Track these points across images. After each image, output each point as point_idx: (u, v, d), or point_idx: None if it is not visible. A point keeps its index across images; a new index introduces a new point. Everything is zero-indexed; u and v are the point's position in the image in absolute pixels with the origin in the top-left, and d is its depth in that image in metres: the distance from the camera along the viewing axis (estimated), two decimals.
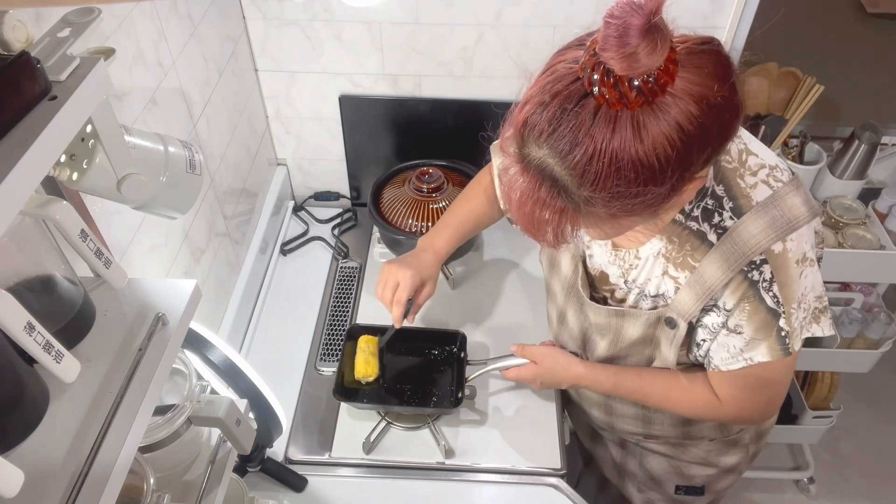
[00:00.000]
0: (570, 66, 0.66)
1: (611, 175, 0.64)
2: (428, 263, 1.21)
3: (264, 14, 1.46)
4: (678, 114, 0.63)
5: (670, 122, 0.63)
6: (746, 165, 0.84)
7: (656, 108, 0.63)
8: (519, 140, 0.70)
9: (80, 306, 0.65)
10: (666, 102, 0.63)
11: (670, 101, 0.63)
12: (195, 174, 0.77)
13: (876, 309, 1.89)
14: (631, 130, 0.63)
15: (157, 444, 0.78)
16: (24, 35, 0.52)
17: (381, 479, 1.21)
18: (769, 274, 0.83)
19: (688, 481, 1.23)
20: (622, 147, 0.63)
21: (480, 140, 1.03)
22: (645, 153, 0.63)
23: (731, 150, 0.84)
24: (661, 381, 1.03)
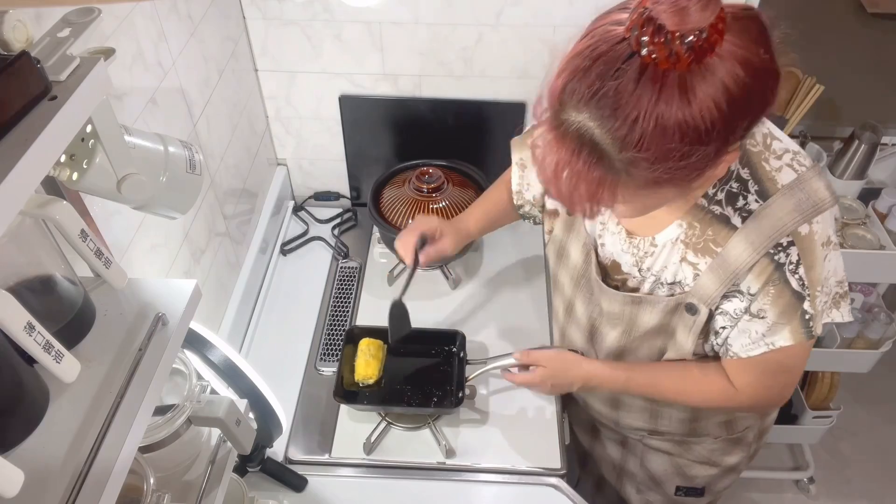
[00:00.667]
0: (613, 27, 0.64)
1: (656, 137, 0.63)
2: (452, 223, 1.25)
3: (264, 14, 1.46)
4: (725, 75, 0.62)
5: (717, 84, 0.62)
6: (771, 149, 0.84)
7: (704, 69, 0.62)
8: (556, 107, 0.68)
9: (80, 306, 0.65)
10: (713, 63, 0.62)
11: (717, 62, 0.62)
12: (195, 174, 0.77)
13: (876, 309, 1.89)
14: (678, 92, 0.62)
15: (157, 444, 0.78)
16: (24, 35, 0.52)
17: (381, 479, 1.21)
18: (796, 256, 0.82)
19: (689, 482, 1.22)
20: (668, 109, 0.62)
21: (504, 138, 1.03)
22: (692, 115, 0.63)
23: (756, 134, 0.84)
24: (675, 373, 1.02)
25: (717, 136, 0.65)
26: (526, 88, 1.56)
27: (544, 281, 1.56)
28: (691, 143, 0.65)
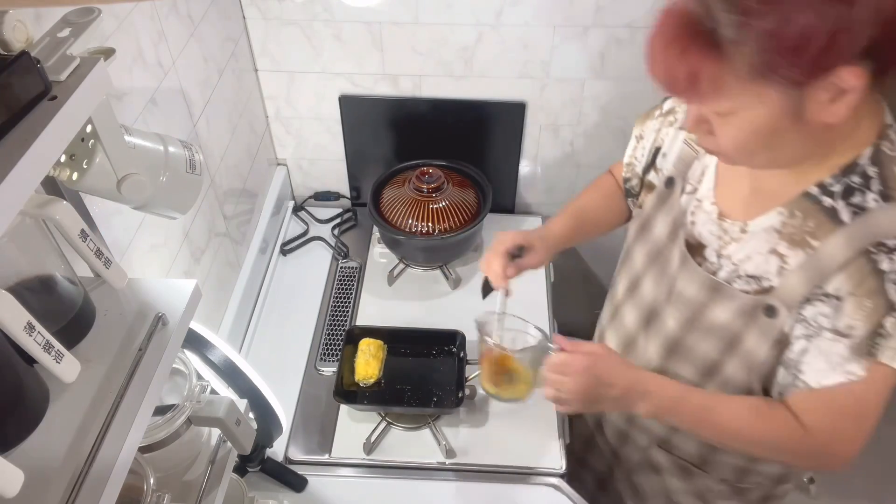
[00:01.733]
0: None
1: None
2: (536, 234, 1.12)
3: (264, 14, 1.46)
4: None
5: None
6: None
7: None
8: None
9: (80, 306, 0.64)
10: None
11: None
12: (195, 174, 0.77)
13: None
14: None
15: (157, 444, 0.78)
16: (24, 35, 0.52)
17: (381, 479, 1.21)
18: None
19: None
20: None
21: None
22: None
23: (895, 142, 0.77)
24: (736, 402, 0.90)
25: (836, 22, 0.61)
26: (526, 88, 1.56)
27: (545, 281, 1.56)
28: (805, 23, 0.61)
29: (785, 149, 0.77)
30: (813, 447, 0.85)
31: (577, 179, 1.72)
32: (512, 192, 1.76)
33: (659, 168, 1.02)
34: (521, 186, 1.76)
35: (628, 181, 1.12)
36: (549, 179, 1.74)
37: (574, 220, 1.17)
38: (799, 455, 0.89)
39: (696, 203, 0.94)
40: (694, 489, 1.11)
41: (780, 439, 0.87)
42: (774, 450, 0.90)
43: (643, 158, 1.07)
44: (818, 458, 0.88)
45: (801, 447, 0.85)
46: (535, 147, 1.68)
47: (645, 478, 1.18)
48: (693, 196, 0.95)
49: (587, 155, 1.68)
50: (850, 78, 0.66)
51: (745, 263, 0.87)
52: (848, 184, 0.77)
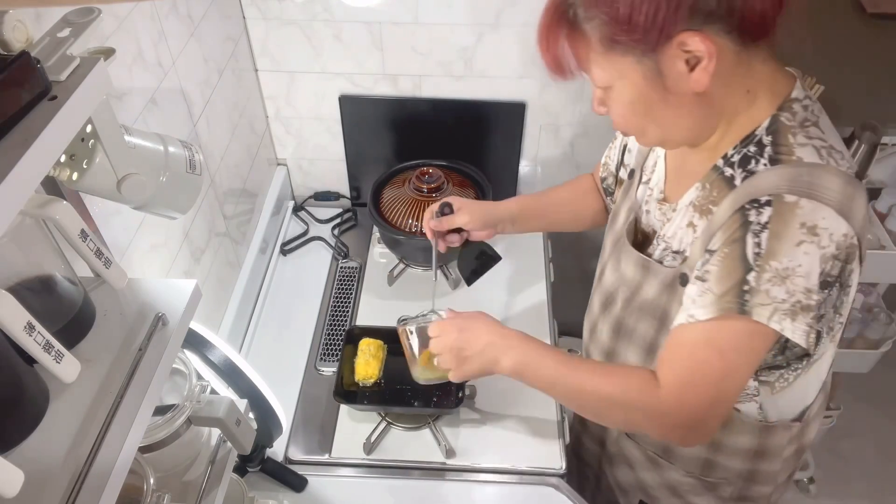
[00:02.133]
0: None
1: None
2: (478, 204, 1.18)
3: (264, 14, 1.46)
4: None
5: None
6: (806, 130, 0.79)
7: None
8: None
9: (80, 306, 0.65)
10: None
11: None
12: (195, 174, 0.77)
13: (876, 309, 1.89)
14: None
15: (157, 444, 0.78)
16: (24, 35, 0.52)
17: (381, 479, 1.21)
18: (766, 217, 0.75)
19: (653, 501, 1.16)
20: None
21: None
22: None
23: (798, 114, 0.80)
24: (599, 363, 0.93)
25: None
26: (526, 88, 1.56)
27: (545, 281, 1.56)
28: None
29: (668, 121, 0.82)
30: (664, 403, 0.83)
31: None
32: (512, 193, 1.76)
33: (626, 164, 1.09)
34: (521, 186, 1.76)
35: (605, 180, 1.18)
36: (549, 179, 1.74)
37: (527, 206, 1.22)
38: (651, 413, 0.85)
39: (649, 192, 0.99)
40: (666, 483, 1.11)
41: (632, 394, 0.85)
42: (627, 406, 0.87)
43: (616, 157, 1.13)
44: (669, 416, 0.84)
45: (652, 402, 0.83)
46: (535, 147, 1.68)
47: (622, 471, 1.18)
48: (647, 186, 1.00)
49: (587, 155, 1.68)
50: (693, 43, 0.71)
51: (672, 241, 0.91)
52: (745, 153, 0.82)
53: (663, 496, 1.13)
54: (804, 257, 0.74)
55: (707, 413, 0.82)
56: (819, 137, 0.79)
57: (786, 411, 0.96)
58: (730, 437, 0.98)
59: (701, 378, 0.80)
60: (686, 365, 0.81)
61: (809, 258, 0.74)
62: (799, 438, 1.03)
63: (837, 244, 0.74)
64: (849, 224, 0.74)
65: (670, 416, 0.83)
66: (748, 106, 0.81)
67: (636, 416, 0.88)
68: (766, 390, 0.92)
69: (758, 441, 0.98)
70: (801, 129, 0.79)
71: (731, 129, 0.83)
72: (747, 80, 0.79)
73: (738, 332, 0.78)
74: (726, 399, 0.83)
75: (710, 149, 0.86)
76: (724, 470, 1.04)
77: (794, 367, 0.89)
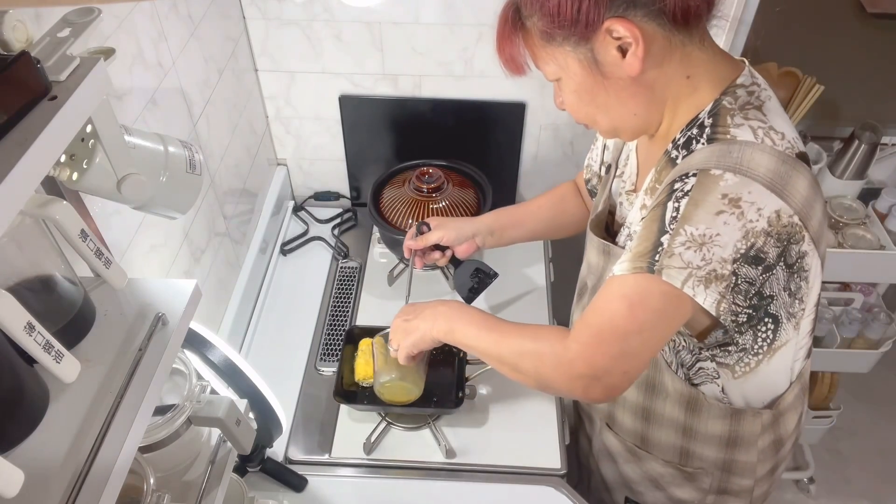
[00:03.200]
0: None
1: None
2: (455, 220, 1.26)
3: (264, 14, 1.46)
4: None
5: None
6: (745, 112, 0.81)
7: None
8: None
9: (80, 306, 0.65)
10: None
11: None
12: (195, 174, 0.77)
13: (876, 309, 1.89)
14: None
15: (157, 444, 0.78)
16: (24, 35, 0.52)
17: (381, 479, 1.21)
18: (689, 186, 0.77)
19: (637, 497, 1.17)
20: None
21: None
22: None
23: (740, 98, 0.82)
24: (527, 325, 0.97)
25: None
26: (526, 88, 1.56)
27: (545, 280, 1.56)
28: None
29: (613, 108, 0.86)
30: (570, 350, 0.85)
31: None
32: (512, 193, 1.76)
33: (606, 162, 1.13)
34: (521, 186, 1.76)
35: (589, 181, 1.21)
36: (549, 180, 1.74)
37: (503, 218, 1.27)
38: (557, 361, 0.87)
39: (622, 185, 1.03)
40: (647, 475, 1.12)
41: (541, 343, 0.89)
42: (536, 355, 0.90)
43: (598, 157, 1.17)
44: (573, 365, 0.85)
45: (559, 349, 0.86)
46: (535, 147, 1.68)
47: (606, 467, 1.19)
48: (620, 179, 1.04)
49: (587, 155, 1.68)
50: (619, 29, 0.76)
51: (633, 225, 0.95)
52: (689, 135, 0.85)
53: (646, 490, 1.14)
54: (723, 227, 0.75)
55: (611, 365, 0.82)
56: (758, 119, 0.81)
57: (753, 398, 0.98)
58: (700, 422, 1.00)
59: (608, 329, 0.82)
60: (596, 316, 0.83)
61: (729, 228, 0.75)
62: (774, 429, 1.03)
63: (769, 220, 0.75)
64: (783, 201, 0.75)
65: (574, 365, 0.85)
66: (691, 92, 0.84)
67: (546, 365, 0.89)
68: (725, 373, 0.93)
69: (729, 428, 1.00)
70: (740, 111, 0.82)
71: (677, 115, 0.86)
72: (685, 66, 0.82)
73: (648, 292, 0.79)
74: (632, 356, 0.82)
75: (663, 136, 0.90)
76: (700, 459, 1.05)
77: (755, 352, 0.90)
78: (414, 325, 1.06)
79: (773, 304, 0.83)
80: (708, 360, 0.92)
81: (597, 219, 1.04)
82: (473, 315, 1.01)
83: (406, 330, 1.08)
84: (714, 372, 0.93)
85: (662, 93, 0.84)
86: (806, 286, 0.84)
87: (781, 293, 0.82)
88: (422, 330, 1.05)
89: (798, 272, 0.81)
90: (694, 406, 0.98)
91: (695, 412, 0.99)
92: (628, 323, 0.80)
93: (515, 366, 0.94)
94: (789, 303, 0.84)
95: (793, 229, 0.77)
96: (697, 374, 0.95)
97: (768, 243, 0.76)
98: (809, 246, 0.80)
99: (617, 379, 0.83)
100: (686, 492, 1.10)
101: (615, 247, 0.97)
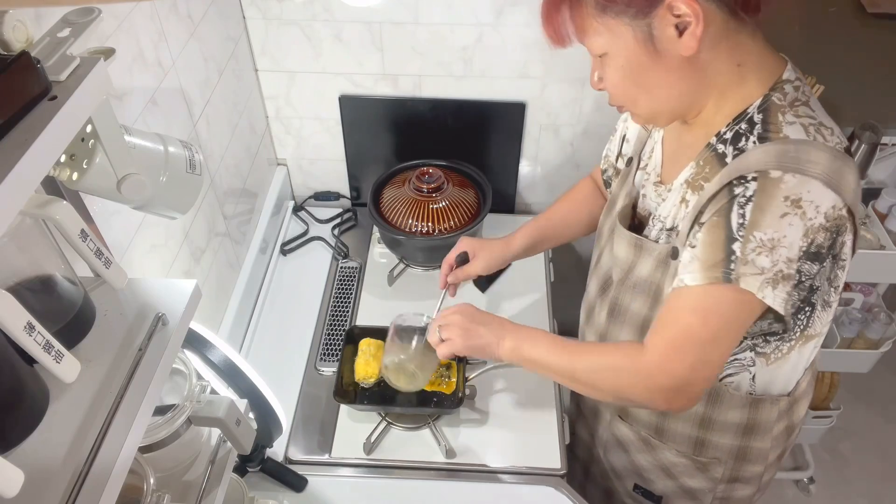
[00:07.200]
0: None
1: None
2: (492, 243, 1.24)
3: (264, 14, 1.46)
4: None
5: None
6: (796, 109, 0.82)
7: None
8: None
9: (80, 306, 0.64)
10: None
11: None
12: (195, 174, 0.77)
13: (876, 309, 1.89)
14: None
15: (157, 444, 0.78)
16: (24, 35, 0.52)
17: (381, 479, 1.21)
18: (751, 191, 0.78)
19: (646, 484, 1.17)
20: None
21: None
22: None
23: (788, 94, 0.83)
24: (588, 341, 1.00)
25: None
26: (526, 88, 1.56)
27: (545, 280, 1.56)
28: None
29: (659, 88, 0.85)
30: (649, 365, 0.86)
31: (577, 179, 1.71)
32: (512, 193, 1.76)
33: (624, 154, 1.11)
34: (521, 186, 1.76)
35: (605, 172, 1.21)
36: (549, 179, 1.74)
37: (534, 235, 1.25)
38: (637, 376, 0.88)
39: (646, 177, 1.02)
40: (659, 464, 1.13)
41: (619, 359, 0.91)
42: (615, 370, 0.91)
43: (615, 148, 1.16)
44: (654, 378, 0.86)
45: (638, 365, 0.87)
46: (535, 147, 1.68)
47: (617, 456, 1.20)
48: (644, 171, 1.03)
49: (587, 155, 1.68)
50: (681, 5, 0.75)
51: (667, 219, 0.94)
52: (737, 130, 0.84)
53: (657, 478, 1.14)
54: (788, 228, 0.77)
55: (690, 376, 0.85)
56: (808, 115, 0.82)
57: (776, 384, 0.98)
58: (720, 413, 1.00)
59: (685, 342, 0.83)
60: (671, 329, 0.85)
61: (793, 229, 0.77)
62: (788, 415, 1.04)
63: (826, 215, 0.77)
64: (837, 195, 0.77)
65: (655, 379, 0.86)
66: (740, 81, 0.84)
67: (624, 380, 0.90)
68: (761, 361, 0.94)
69: (748, 416, 1.00)
70: (790, 108, 0.82)
71: (723, 104, 0.85)
72: (737, 53, 0.82)
73: (723, 300, 0.81)
74: (710, 363, 0.85)
75: (704, 126, 0.88)
76: (715, 448, 1.05)
77: (789, 339, 0.91)
78: (477, 332, 1.02)
79: (816, 294, 0.84)
80: (748, 349, 0.93)
81: (622, 212, 1.03)
82: (537, 333, 1.01)
83: (467, 331, 1.03)
84: (750, 361, 0.94)
85: (712, 78, 0.83)
86: (842, 274, 0.86)
87: (824, 283, 0.84)
88: (486, 340, 1.01)
89: (838, 261, 0.83)
90: (715, 398, 1.00)
91: (714, 403, 1.00)
92: (704, 332, 0.82)
93: (591, 383, 0.95)
94: (827, 291, 0.86)
95: (841, 221, 0.79)
96: (731, 365, 0.95)
97: (825, 237, 0.78)
98: (850, 236, 0.82)
99: (699, 386, 0.87)
100: (698, 481, 1.11)
101: (647, 241, 0.96)
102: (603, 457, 1.24)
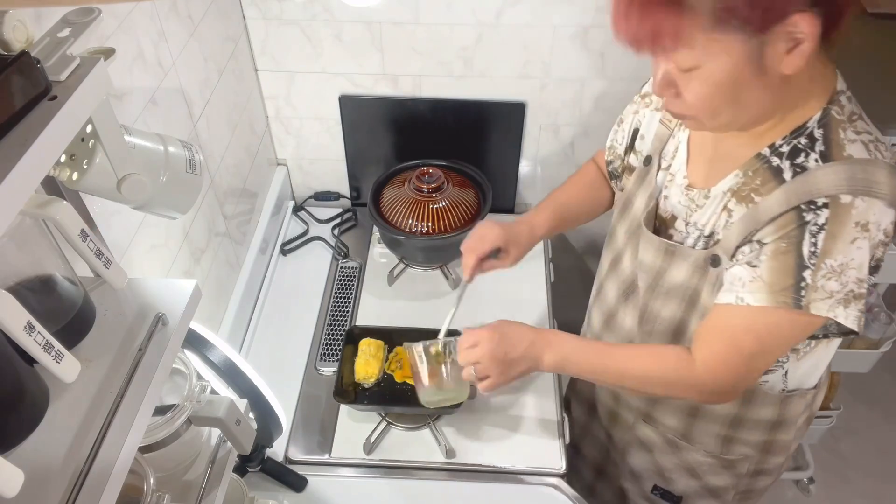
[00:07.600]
0: None
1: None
2: (518, 232, 1.16)
3: (264, 14, 1.46)
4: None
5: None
6: (854, 124, 0.81)
7: None
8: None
9: (80, 306, 0.64)
10: None
11: None
12: (195, 174, 0.77)
13: (876, 309, 1.89)
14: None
15: (157, 444, 0.78)
16: (24, 35, 0.52)
17: (381, 479, 1.21)
18: (823, 219, 0.78)
19: (667, 484, 1.18)
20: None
21: None
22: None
23: (845, 107, 0.82)
24: (634, 346, 1.00)
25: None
26: (526, 88, 1.56)
27: (545, 280, 1.56)
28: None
29: (747, 105, 0.80)
30: (700, 377, 0.90)
31: None
32: (512, 192, 1.76)
33: (638, 150, 1.07)
34: (521, 186, 1.76)
35: (611, 163, 1.17)
36: (549, 179, 1.74)
37: (556, 218, 1.21)
38: (689, 386, 0.93)
39: (670, 178, 0.99)
40: (684, 464, 1.13)
41: (670, 373, 0.93)
42: (667, 384, 0.95)
43: (623, 141, 1.12)
44: (705, 386, 0.91)
45: (690, 378, 0.91)
46: (535, 147, 1.68)
47: (638, 457, 1.20)
48: (667, 171, 1.00)
49: (587, 155, 1.67)
50: (803, 24, 0.71)
51: (706, 226, 0.92)
52: (795, 145, 0.83)
53: (679, 478, 1.15)
54: (857, 252, 0.79)
55: (738, 383, 0.91)
56: (866, 131, 0.82)
57: (805, 378, 1.00)
58: (752, 412, 1.02)
59: (735, 356, 0.87)
60: (723, 345, 0.87)
61: (861, 252, 0.79)
62: (811, 406, 1.07)
63: (885, 231, 0.79)
64: (894, 210, 0.79)
65: (706, 387, 0.91)
66: (807, 97, 0.82)
67: (676, 390, 0.95)
68: (793, 356, 0.96)
69: (778, 412, 1.02)
70: (849, 123, 0.81)
71: (786, 118, 0.83)
72: (810, 68, 0.79)
73: (783, 322, 0.83)
74: (756, 370, 0.90)
75: (754, 135, 0.86)
76: (743, 445, 1.07)
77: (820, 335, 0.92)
78: (513, 365, 0.97)
79: None
80: None
81: (648, 216, 1.00)
82: (578, 343, 0.99)
83: (506, 364, 0.97)
84: (784, 357, 0.95)
85: (793, 94, 0.81)
86: (875, 274, 0.86)
87: None
88: (527, 364, 0.98)
89: (878, 265, 0.84)
90: (748, 398, 1.01)
91: (747, 403, 1.01)
92: (755, 350, 0.86)
93: (641, 391, 1.00)
94: None
95: (892, 232, 0.81)
96: None
97: (883, 251, 0.81)
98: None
99: (743, 388, 0.93)
100: (722, 479, 1.12)
101: (682, 247, 0.94)
102: (620, 458, 1.24)
